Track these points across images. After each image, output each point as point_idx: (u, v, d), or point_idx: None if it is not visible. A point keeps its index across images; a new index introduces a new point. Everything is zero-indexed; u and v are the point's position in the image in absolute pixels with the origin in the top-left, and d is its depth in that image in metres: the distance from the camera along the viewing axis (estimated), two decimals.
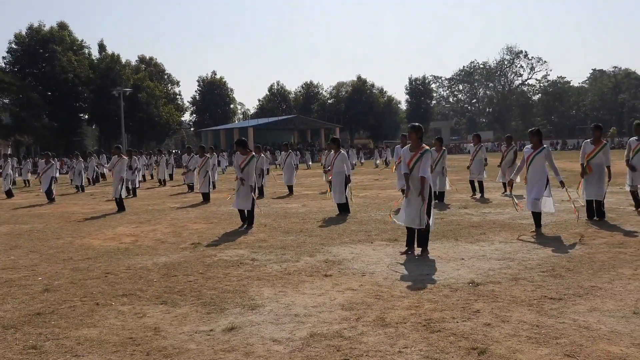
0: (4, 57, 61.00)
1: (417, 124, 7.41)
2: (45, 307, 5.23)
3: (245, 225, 10.05)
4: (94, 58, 66.07)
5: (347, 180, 11.49)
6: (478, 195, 13.92)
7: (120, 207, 13.71)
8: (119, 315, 4.92)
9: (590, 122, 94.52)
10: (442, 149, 13.08)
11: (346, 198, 11.44)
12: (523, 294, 5.14)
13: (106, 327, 4.59)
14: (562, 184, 8.25)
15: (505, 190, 14.09)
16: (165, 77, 79.53)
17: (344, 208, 11.43)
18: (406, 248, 7.23)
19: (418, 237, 7.13)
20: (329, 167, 11.91)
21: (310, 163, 43.10)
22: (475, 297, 5.09)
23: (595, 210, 9.38)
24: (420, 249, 7.10)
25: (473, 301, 4.95)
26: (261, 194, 16.50)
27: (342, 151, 11.97)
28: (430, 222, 7.06)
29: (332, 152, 12.11)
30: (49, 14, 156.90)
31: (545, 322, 4.34)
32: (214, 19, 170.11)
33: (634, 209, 10.13)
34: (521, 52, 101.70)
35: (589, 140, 9.79)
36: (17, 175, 28.96)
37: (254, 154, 10.48)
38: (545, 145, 8.40)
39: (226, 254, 7.60)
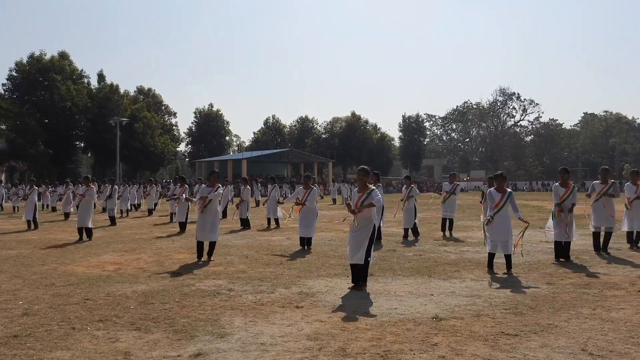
0: (3, 84, 61.82)
1: (364, 166, 7.84)
2: (22, 330, 5.41)
3: (207, 259, 9.97)
4: (92, 87, 66.92)
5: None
6: (447, 233, 14.22)
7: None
8: (92, 340, 5.11)
9: (581, 164, 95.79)
10: (411, 185, 13.66)
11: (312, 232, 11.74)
12: (482, 329, 5.37)
13: (79, 350, 4.78)
14: (522, 220, 8.51)
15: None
16: (163, 108, 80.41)
17: (308, 242, 11.67)
18: (353, 284, 7.46)
19: (359, 271, 7.40)
20: (302, 200, 12.06)
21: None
22: (436, 331, 5.32)
23: (562, 251, 9.67)
24: (360, 282, 7.40)
25: (433, 335, 5.18)
26: (247, 226, 16.77)
27: (315, 187, 12.31)
28: (370, 259, 7.43)
29: (303, 188, 12.31)
30: (51, 43, 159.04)
31: (497, 356, 4.57)
32: (213, 53, 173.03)
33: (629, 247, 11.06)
34: (514, 94, 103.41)
35: (557, 183, 10.10)
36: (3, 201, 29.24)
37: (219, 185, 10.61)
38: (510, 190, 8.68)
39: (204, 283, 7.80)
